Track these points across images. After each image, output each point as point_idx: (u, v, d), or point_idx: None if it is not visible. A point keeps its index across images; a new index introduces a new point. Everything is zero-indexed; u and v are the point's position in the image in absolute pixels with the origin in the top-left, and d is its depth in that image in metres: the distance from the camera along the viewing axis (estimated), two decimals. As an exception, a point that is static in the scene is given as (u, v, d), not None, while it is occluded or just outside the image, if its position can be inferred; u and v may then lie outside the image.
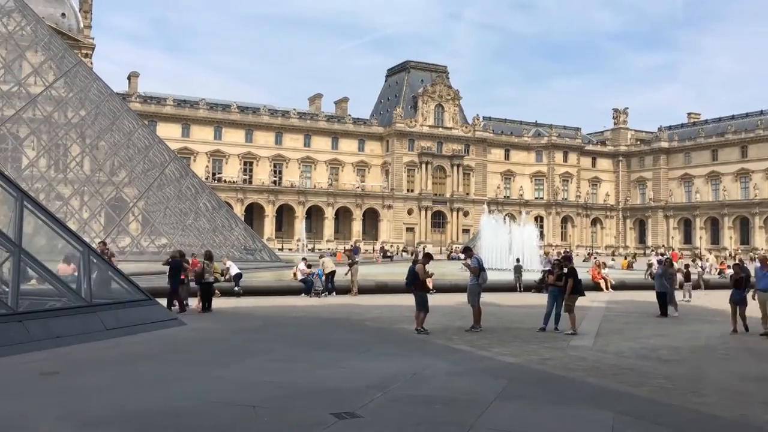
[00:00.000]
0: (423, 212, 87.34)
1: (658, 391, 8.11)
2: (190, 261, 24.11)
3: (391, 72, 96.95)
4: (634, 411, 7.03)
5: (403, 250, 71.31)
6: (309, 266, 22.25)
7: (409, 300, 19.44)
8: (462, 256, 13.70)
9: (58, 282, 11.06)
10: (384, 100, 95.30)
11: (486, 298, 21.16)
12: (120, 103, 36.67)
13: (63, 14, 72.81)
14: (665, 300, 16.85)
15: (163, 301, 14.31)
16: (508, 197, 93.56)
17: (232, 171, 79.74)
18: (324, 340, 11.66)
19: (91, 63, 68.30)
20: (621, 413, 6.84)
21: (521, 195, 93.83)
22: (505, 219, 45.72)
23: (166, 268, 15.91)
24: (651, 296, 18.14)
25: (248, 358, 9.62)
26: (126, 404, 6.82)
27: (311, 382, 8.01)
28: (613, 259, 50.28)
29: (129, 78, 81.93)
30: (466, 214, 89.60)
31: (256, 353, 10.09)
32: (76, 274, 11.98)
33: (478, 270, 13.36)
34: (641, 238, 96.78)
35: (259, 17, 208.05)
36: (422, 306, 12.68)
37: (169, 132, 72.04)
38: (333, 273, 21.67)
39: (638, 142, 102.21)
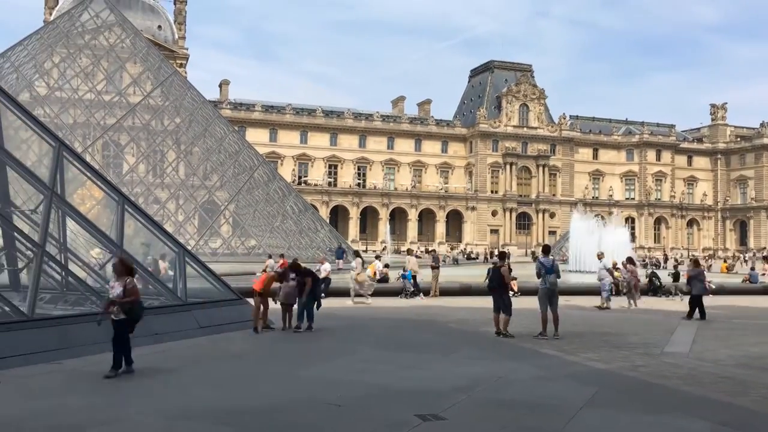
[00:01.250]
0: (507, 214, 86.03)
1: (761, 402, 7.64)
2: (280, 262, 24.88)
3: (475, 72, 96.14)
4: (733, 421, 6.65)
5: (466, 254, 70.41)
6: (386, 266, 22.31)
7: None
8: (540, 256, 13.13)
9: (156, 281, 11.64)
10: (467, 101, 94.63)
11: (574, 301, 20.64)
12: (212, 110, 38.23)
13: (159, 26, 76.59)
14: (696, 303, 15.96)
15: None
16: (596, 198, 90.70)
17: (317, 174, 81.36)
18: (409, 342, 11.70)
19: (186, 72, 71.49)
20: (720, 423, 6.49)
21: (611, 195, 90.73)
22: (599, 219, 44.24)
23: (254, 268, 16.28)
24: (753, 301, 17.10)
25: (334, 358, 9.78)
26: (218, 399, 7.09)
27: (396, 383, 8.06)
28: (710, 262, 47.75)
29: (220, 86, 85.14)
30: (552, 215, 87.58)
31: (343, 353, 10.24)
32: (171, 273, 12.57)
33: (541, 272, 12.67)
34: (742, 240, 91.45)
35: (344, 23, 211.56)
36: (506, 309, 12.42)
37: (257, 137, 74.35)
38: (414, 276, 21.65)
39: (738, 139, 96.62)
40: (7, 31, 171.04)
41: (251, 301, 14.16)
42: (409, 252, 23.74)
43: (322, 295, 19.93)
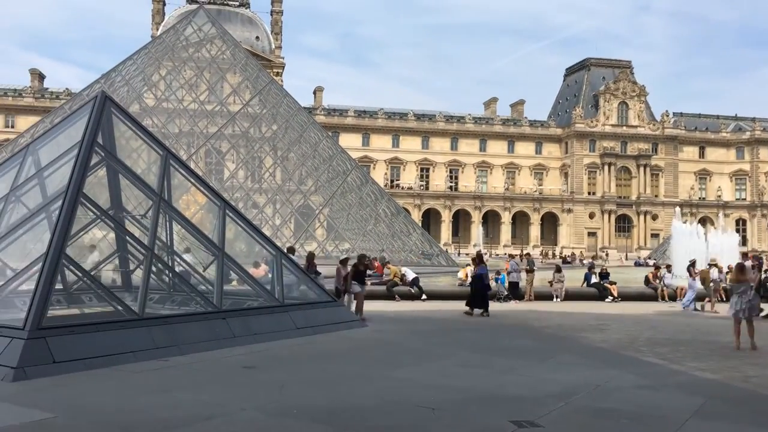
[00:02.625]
0: (606, 216, 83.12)
1: None
2: (374, 265, 25.16)
3: (570, 71, 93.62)
4: None
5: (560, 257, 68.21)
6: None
7: (591, 308, 18.63)
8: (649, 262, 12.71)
9: (255, 283, 12.03)
10: (562, 101, 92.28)
11: (679, 306, 19.71)
12: (307, 116, 39.28)
13: (257, 37, 79.45)
14: None
15: (351, 304, 14.77)
16: (703, 198, 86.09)
17: (409, 177, 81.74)
18: (503, 346, 11.52)
19: (282, 80, 73.75)
20: None
21: (719, 196, 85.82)
22: (692, 222, 41.98)
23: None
24: None
25: (427, 361, 9.78)
26: (314, 398, 7.26)
27: (490, 388, 7.95)
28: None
29: (315, 92, 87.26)
30: (654, 217, 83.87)
31: (435, 356, 10.22)
32: (269, 275, 12.97)
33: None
34: None
35: (436, 27, 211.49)
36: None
37: (350, 142, 75.64)
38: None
39: None
40: (119, 46, 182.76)
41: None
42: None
43: (413, 290, 20.12)
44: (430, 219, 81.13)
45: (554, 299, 20.74)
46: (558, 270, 21.99)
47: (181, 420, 6.28)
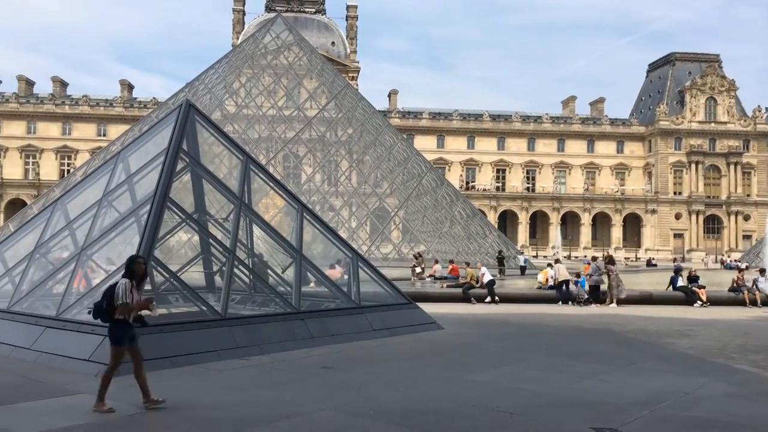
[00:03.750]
0: (693, 217, 79.58)
1: None
2: (450, 267, 25.08)
3: (653, 67, 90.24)
4: None
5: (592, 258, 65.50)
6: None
7: (677, 313, 17.86)
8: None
9: (332, 285, 12.21)
10: (645, 98, 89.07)
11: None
12: (381, 119, 39.56)
13: (333, 42, 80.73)
14: None
15: (427, 307, 14.57)
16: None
17: (484, 179, 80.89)
18: (582, 351, 11.22)
19: (357, 84, 74.63)
20: None
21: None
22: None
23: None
24: None
25: (504, 365, 9.65)
26: (391, 400, 7.29)
27: (569, 394, 7.76)
28: None
29: (389, 95, 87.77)
30: (746, 218, 79.64)
31: (512, 360, 10.07)
32: (345, 277, 13.13)
33: None
34: None
35: (515, 26, 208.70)
36: None
37: (425, 144, 75.60)
38: (567, 282, 20.67)
39: None
40: (202, 56, 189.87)
41: (425, 306, 14.35)
42: (557, 261, 22.81)
43: (495, 298, 19.90)
44: (507, 221, 80.00)
45: (610, 302, 19.95)
46: (611, 261, 21.05)
47: (261, 418, 6.45)
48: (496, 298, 20.07)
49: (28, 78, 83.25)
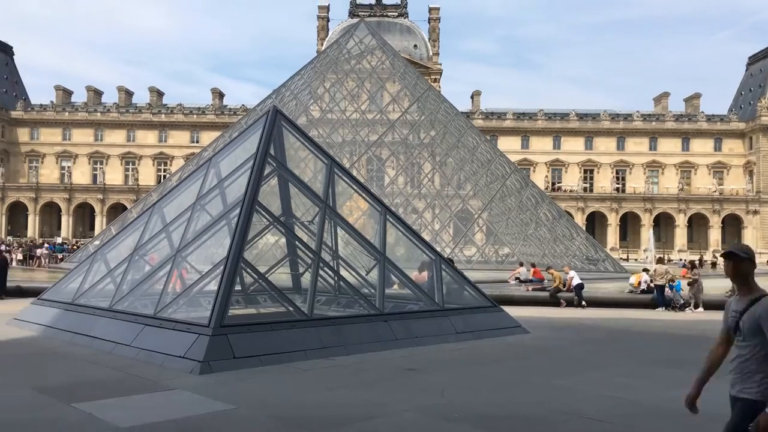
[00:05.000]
0: (799, 217, 74.47)
1: None
2: (532, 270, 24.60)
3: (754, 59, 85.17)
4: None
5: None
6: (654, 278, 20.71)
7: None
8: None
9: (415, 287, 12.24)
10: (744, 92, 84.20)
11: None
12: (464, 121, 39.32)
13: (415, 45, 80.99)
14: None
15: (512, 310, 14.37)
16: None
17: (571, 180, 78.77)
18: (676, 358, 10.73)
19: (439, 87, 74.54)
20: None
21: None
22: None
23: (507, 276, 16.28)
24: None
25: (591, 371, 9.37)
26: (475, 404, 7.24)
27: (660, 402, 7.45)
28: None
29: (472, 97, 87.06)
30: None
31: (600, 366, 9.77)
32: (429, 280, 13.11)
33: None
34: None
35: (605, 24, 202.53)
36: None
37: (509, 145, 74.47)
38: (663, 286, 19.74)
39: None
40: (289, 63, 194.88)
41: (509, 309, 14.16)
42: (660, 261, 21.80)
43: (582, 302, 19.38)
44: (595, 222, 77.56)
45: (690, 308, 18.93)
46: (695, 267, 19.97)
47: (346, 418, 6.55)
48: (583, 302, 19.54)
49: (127, 89, 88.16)
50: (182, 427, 6.09)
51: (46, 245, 43.71)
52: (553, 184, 78.31)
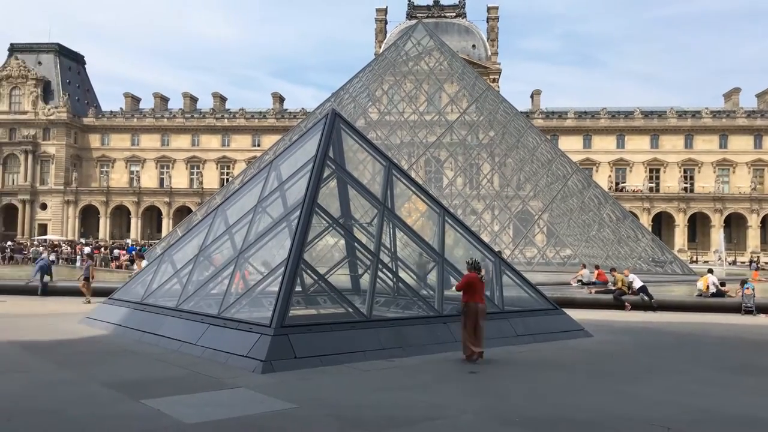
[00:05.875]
0: None
1: None
2: (595, 273, 24.03)
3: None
4: None
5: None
6: (723, 283, 19.93)
7: None
8: None
9: (474, 289, 12.11)
10: (823, 85, 79.94)
11: None
12: (524, 121, 38.75)
13: (473, 45, 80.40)
14: None
15: (574, 313, 14.00)
16: None
17: (636, 179, 76.52)
18: (750, 364, 10.29)
19: (498, 86, 73.76)
20: None
21: None
22: None
23: (569, 278, 15.96)
24: None
25: (657, 376, 9.08)
26: (536, 408, 7.12)
27: (732, 410, 7.16)
28: None
29: (532, 96, 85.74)
30: None
31: (666, 372, 9.46)
32: (488, 282, 12.98)
33: None
34: None
35: (669, 18, 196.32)
36: None
37: (570, 144, 73.01)
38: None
39: None
40: (347, 66, 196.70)
41: (571, 312, 13.87)
42: (753, 262, 20.93)
43: (644, 299, 18.82)
44: (662, 223, 75.11)
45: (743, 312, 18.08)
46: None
47: (406, 419, 6.56)
48: (654, 302, 18.99)
49: (192, 94, 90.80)
50: (246, 424, 6.22)
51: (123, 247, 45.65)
52: (617, 184, 76.26)
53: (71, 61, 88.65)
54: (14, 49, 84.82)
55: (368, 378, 8.46)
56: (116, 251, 42.03)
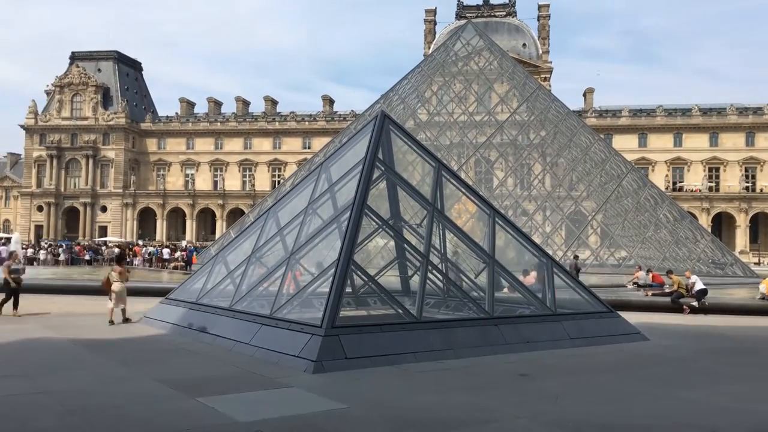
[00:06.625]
0: None
1: None
2: (651, 274, 23.41)
3: None
4: None
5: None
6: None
7: None
8: None
9: (526, 291, 11.97)
10: None
11: None
12: (576, 120, 38.02)
13: (524, 44, 79.48)
14: None
15: (630, 316, 13.51)
16: None
17: (695, 179, 74.27)
18: (818, 372, 9.83)
19: (549, 85, 72.70)
20: None
21: None
22: None
23: (624, 280, 15.58)
24: None
25: (717, 383, 8.76)
26: (591, 413, 6.96)
27: (802, 420, 6.84)
28: None
29: (584, 94, 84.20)
30: None
31: (730, 378, 9.12)
32: (540, 283, 12.79)
33: None
34: None
35: (733, 12, 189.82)
36: None
37: (625, 143, 71.40)
38: None
39: None
40: (397, 67, 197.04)
41: (624, 314, 13.52)
42: None
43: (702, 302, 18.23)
44: (722, 224, 72.65)
45: None
46: None
47: (457, 421, 6.50)
48: (697, 305, 18.39)
49: (244, 98, 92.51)
50: (297, 424, 6.28)
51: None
52: (674, 183, 74.18)
53: (129, 67, 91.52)
54: (75, 57, 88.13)
55: (419, 379, 8.43)
56: (165, 250, 42.90)
